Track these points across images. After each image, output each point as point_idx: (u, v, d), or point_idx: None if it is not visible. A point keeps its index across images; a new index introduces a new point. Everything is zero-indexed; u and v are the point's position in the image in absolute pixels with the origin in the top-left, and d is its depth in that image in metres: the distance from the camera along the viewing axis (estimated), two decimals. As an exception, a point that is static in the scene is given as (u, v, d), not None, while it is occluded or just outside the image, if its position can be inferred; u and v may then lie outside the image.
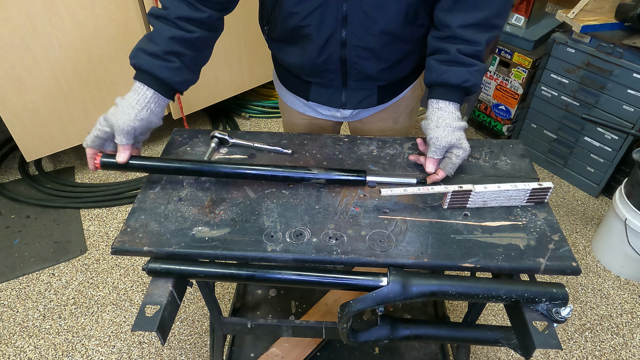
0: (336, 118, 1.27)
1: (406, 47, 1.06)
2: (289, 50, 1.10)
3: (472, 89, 0.96)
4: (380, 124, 1.29)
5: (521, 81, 2.31)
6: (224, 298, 1.83)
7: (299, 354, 1.39)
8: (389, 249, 0.85)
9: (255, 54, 2.51)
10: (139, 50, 0.94)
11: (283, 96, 1.32)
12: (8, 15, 1.74)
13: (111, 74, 2.10)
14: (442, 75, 0.96)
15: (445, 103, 0.97)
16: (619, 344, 1.69)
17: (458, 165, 0.98)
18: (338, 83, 1.12)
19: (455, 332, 0.96)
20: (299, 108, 1.29)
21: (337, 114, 1.23)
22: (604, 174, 2.19)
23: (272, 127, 2.78)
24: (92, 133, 0.95)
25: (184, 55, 0.96)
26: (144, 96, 0.94)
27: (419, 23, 1.01)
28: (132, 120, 0.92)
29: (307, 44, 1.03)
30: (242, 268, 0.86)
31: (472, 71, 0.94)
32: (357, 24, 0.98)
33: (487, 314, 1.79)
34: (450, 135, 0.95)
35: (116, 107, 0.93)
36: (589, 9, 2.02)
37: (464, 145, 0.96)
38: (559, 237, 0.88)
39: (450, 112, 0.96)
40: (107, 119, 0.93)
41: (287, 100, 1.30)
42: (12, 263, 1.94)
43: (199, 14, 0.95)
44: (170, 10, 0.93)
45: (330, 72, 1.08)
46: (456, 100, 0.97)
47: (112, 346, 1.66)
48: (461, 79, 0.94)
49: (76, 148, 2.54)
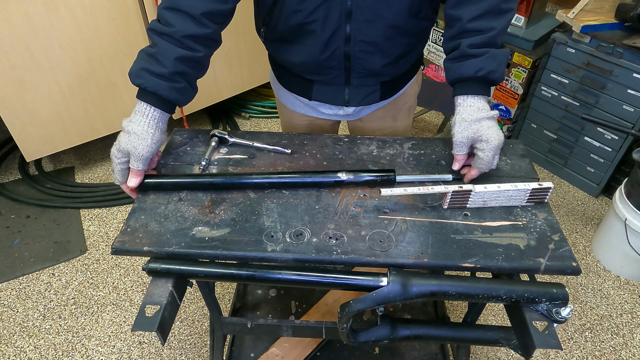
0: (338, 117, 1.26)
1: (410, 41, 1.06)
2: (290, 49, 1.09)
3: (489, 76, 0.92)
4: (380, 122, 1.29)
5: (521, 81, 2.31)
6: (224, 298, 1.83)
7: (299, 354, 1.39)
8: (389, 249, 0.85)
9: (255, 54, 2.51)
10: (143, 70, 0.91)
11: (282, 98, 1.31)
12: (8, 15, 1.74)
13: (111, 74, 2.10)
14: (456, 72, 0.95)
15: (462, 98, 0.95)
16: (619, 344, 1.69)
17: (491, 158, 0.92)
18: (341, 80, 1.11)
19: (455, 332, 0.96)
20: (299, 109, 1.28)
21: (339, 112, 1.23)
22: (604, 174, 2.19)
23: (272, 127, 2.78)
24: (116, 169, 0.94)
25: (189, 74, 0.95)
26: (152, 117, 0.93)
27: (422, 16, 1.01)
28: (149, 145, 0.92)
29: (310, 41, 1.02)
30: (242, 268, 0.86)
31: (485, 58, 0.92)
32: (362, 18, 0.97)
33: (487, 314, 1.79)
34: (466, 130, 0.93)
35: (129, 135, 0.91)
36: (589, 9, 2.02)
37: (487, 136, 0.91)
38: (559, 237, 0.88)
39: (468, 106, 0.94)
40: (122, 150, 0.92)
41: (287, 102, 1.30)
42: (12, 263, 1.94)
43: (204, 30, 0.93)
44: (176, 29, 0.90)
45: (334, 69, 1.08)
46: (474, 93, 0.94)
47: (112, 346, 1.66)
48: (474, 70, 0.92)
49: (76, 148, 2.54)
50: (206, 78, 2.52)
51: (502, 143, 0.92)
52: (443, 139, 1.14)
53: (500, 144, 0.92)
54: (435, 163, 1.07)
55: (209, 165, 1.05)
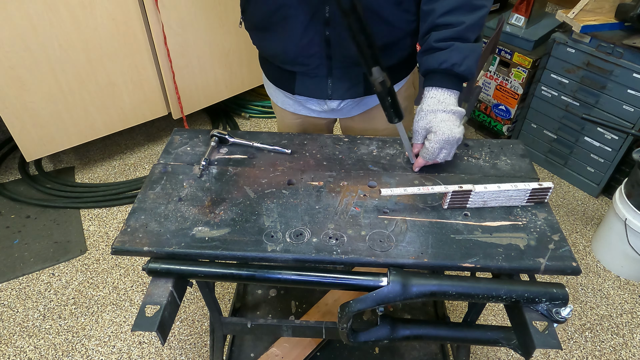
0: (325, 113, 1.25)
1: (392, 32, 1.05)
2: (269, 38, 1.08)
3: (453, 69, 0.94)
4: (373, 123, 1.28)
5: (521, 81, 2.31)
6: (224, 298, 1.83)
7: (299, 354, 1.39)
8: (389, 249, 0.85)
9: (255, 54, 2.49)
10: None
11: (274, 97, 1.31)
12: (8, 15, 1.74)
13: (111, 74, 2.10)
14: (423, 65, 0.97)
15: (427, 89, 0.97)
16: (619, 344, 1.69)
17: (436, 150, 0.96)
18: (323, 72, 1.10)
19: (455, 332, 0.96)
20: (289, 107, 1.28)
21: (324, 107, 1.21)
22: (604, 174, 2.19)
23: (272, 127, 2.78)
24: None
25: None
26: None
27: (405, 8, 1.01)
28: None
29: (289, 26, 1.01)
30: (242, 268, 0.86)
31: (449, 51, 0.93)
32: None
33: (487, 314, 1.79)
34: (422, 120, 0.96)
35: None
36: (589, 9, 2.02)
37: (436, 129, 0.94)
38: (559, 237, 0.88)
39: (429, 97, 0.96)
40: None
41: (278, 100, 1.30)
42: (12, 263, 1.94)
43: None
44: None
45: (315, 57, 1.06)
46: (439, 85, 0.96)
47: (112, 346, 1.66)
48: (438, 62, 0.94)
49: (76, 148, 2.54)
50: (206, 78, 2.53)
51: (456, 139, 0.95)
52: (443, 139, 1.14)
53: (451, 139, 0.95)
54: (435, 163, 1.06)
55: (209, 166, 1.05)
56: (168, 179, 1.02)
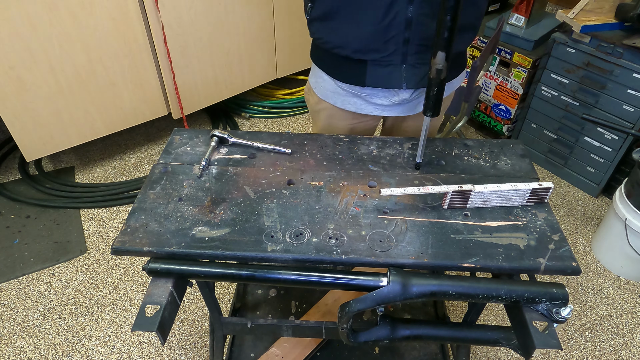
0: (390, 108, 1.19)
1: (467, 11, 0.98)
2: (341, 24, 1.03)
3: None
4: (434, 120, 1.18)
5: (521, 81, 2.31)
6: (224, 298, 1.83)
7: (299, 354, 1.39)
8: (389, 249, 0.85)
9: (255, 54, 2.51)
10: None
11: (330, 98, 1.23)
12: (8, 15, 1.74)
13: (111, 74, 2.10)
14: None
15: None
16: (619, 344, 1.69)
17: None
18: (397, 59, 1.06)
19: (455, 332, 0.96)
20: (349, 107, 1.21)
21: (394, 99, 1.15)
22: (604, 174, 2.19)
23: (272, 127, 2.78)
24: None
25: None
26: None
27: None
28: None
29: (372, 5, 0.97)
30: (242, 268, 0.86)
31: None
32: None
33: (487, 314, 1.79)
34: None
35: None
36: (589, 9, 2.02)
37: None
38: (559, 237, 0.88)
39: None
40: None
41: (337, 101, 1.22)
42: (12, 263, 1.94)
43: None
44: None
45: (392, 41, 1.02)
46: None
47: (112, 346, 1.66)
48: None
49: (76, 148, 2.54)
50: (206, 78, 2.53)
51: None
52: (443, 139, 1.14)
53: None
54: (435, 163, 1.07)
55: (208, 166, 1.05)
56: (168, 179, 1.02)
